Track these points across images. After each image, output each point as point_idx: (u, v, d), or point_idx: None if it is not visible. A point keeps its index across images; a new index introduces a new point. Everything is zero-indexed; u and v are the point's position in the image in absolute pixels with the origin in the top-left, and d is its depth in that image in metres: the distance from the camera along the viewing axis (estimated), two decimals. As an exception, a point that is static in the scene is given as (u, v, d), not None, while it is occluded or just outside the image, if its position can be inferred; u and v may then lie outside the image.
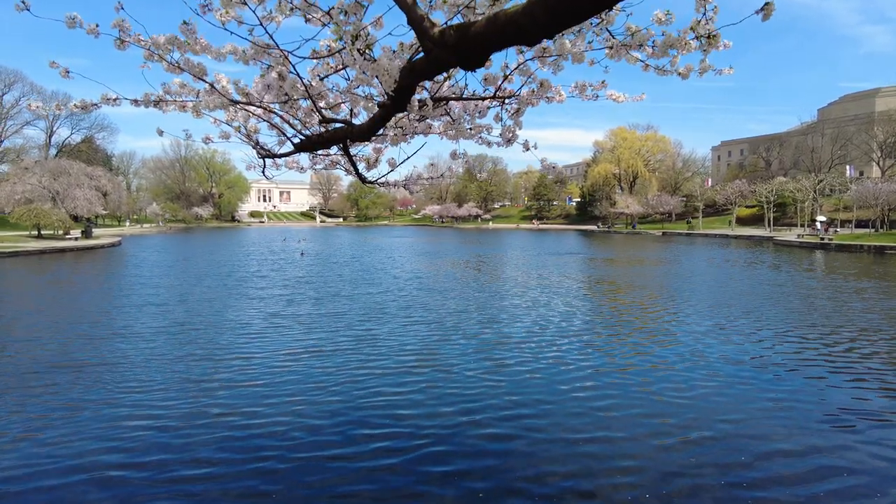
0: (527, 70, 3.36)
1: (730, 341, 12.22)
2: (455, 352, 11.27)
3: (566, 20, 1.97)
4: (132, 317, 14.83)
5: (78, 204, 56.84)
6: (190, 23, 2.93)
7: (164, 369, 9.85)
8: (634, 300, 18.36)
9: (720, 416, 7.78)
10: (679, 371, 9.95)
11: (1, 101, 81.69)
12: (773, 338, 12.61)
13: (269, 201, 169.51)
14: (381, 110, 2.97)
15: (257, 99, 3.50)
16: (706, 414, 7.89)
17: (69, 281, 23.72)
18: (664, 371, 9.95)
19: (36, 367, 9.96)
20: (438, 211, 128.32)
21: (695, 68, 3.42)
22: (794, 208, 68.06)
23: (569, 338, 12.54)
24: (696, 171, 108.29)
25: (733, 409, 8.12)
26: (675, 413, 7.90)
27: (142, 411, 7.88)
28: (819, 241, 45.69)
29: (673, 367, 10.18)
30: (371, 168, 4.65)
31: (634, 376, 9.68)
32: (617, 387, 9.06)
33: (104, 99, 3.36)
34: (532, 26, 1.89)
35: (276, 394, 8.60)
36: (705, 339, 12.40)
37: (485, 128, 4.03)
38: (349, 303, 17.18)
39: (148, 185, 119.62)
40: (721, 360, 10.63)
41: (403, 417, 7.74)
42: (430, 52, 2.30)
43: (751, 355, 11.07)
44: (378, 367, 10.07)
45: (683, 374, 9.74)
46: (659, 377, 9.58)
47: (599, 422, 7.61)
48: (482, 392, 8.75)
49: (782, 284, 21.91)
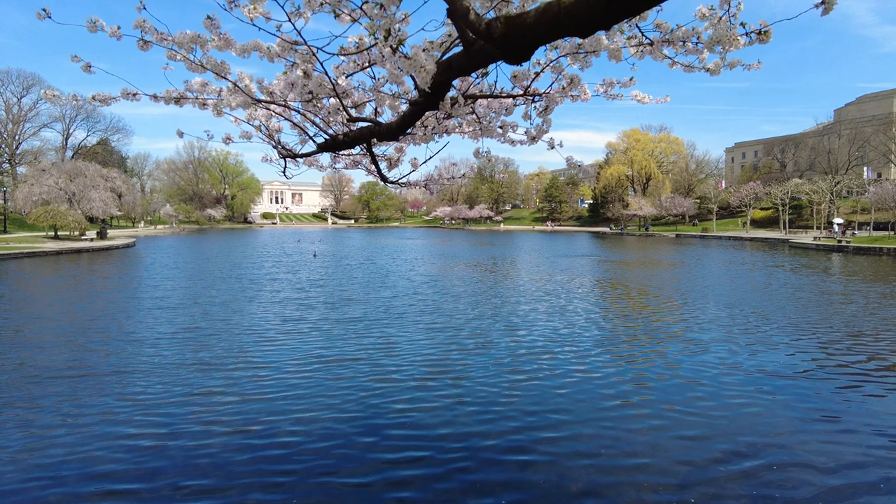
0: (559, 66, 3.26)
1: (761, 350, 11.58)
2: (477, 361, 10.73)
3: (625, 11, 1.86)
4: (146, 322, 14.82)
5: (93, 205, 57.42)
6: (214, 18, 2.86)
7: (174, 379, 9.48)
8: (659, 305, 18.04)
9: (761, 433, 7.45)
10: (713, 384, 9.41)
11: (19, 104, 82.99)
12: (811, 348, 11.93)
13: (281, 203, 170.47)
14: (412, 108, 2.87)
15: (280, 97, 3.42)
16: (746, 430, 7.51)
17: (84, 283, 23.92)
18: (695, 383, 9.47)
19: (46, 373, 9.70)
20: (450, 212, 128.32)
21: (724, 63, 3.30)
22: (810, 210, 67.22)
23: (592, 346, 12.17)
24: (710, 172, 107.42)
25: (774, 425, 7.80)
26: (718, 431, 7.62)
27: (149, 420, 7.68)
28: (836, 243, 44.99)
29: (705, 380, 9.66)
30: (392, 168, 4.57)
31: (659, 388, 9.49)
32: (647, 403, 8.77)
33: (124, 93, 3.30)
34: (587, 17, 1.78)
35: (290, 408, 8.15)
36: (736, 347, 11.83)
37: (510, 126, 3.94)
38: (365, 307, 16.87)
39: (161, 187, 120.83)
40: (757, 371, 10.07)
41: (423, 430, 7.48)
42: (470, 47, 2.20)
43: (788, 365, 10.47)
44: (395, 377, 9.68)
45: (717, 387, 9.22)
46: (690, 389, 9.16)
47: (630, 439, 7.40)
48: (503, 406, 8.29)
49: (802, 288, 21.50)
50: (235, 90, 3.24)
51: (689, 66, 3.33)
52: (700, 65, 3.28)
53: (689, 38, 2.66)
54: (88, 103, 3.30)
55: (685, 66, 3.33)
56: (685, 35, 2.66)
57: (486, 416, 7.88)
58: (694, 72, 3.42)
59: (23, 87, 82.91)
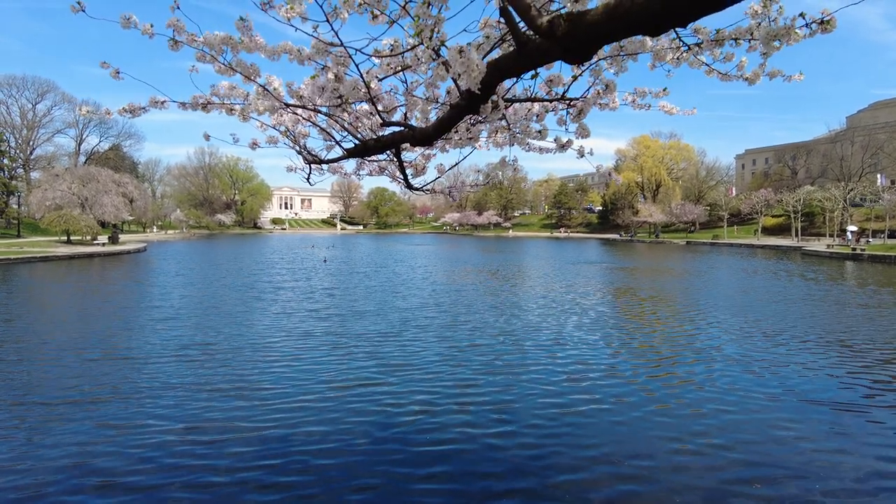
0: (597, 69, 3.15)
1: (788, 368, 10.96)
2: (498, 384, 9.79)
3: (707, 7, 1.74)
4: (156, 334, 14.62)
5: (105, 210, 57.91)
6: (247, 19, 2.78)
7: (186, 403, 8.69)
8: (680, 316, 17.71)
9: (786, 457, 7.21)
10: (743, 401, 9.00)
11: (34, 110, 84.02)
12: (842, 363, 11.38)
13: (290, 208, 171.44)
14: (452, 111, 2.78)
15: (309, 101, 3.34)
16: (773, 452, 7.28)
17: (96, 290, 24.00)
18: (722, 400, 9.07)
19: (45, 397, 8.90)
20: (458, 219, 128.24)
21: (763, 72, 3.18)
22: (823, 218, 66.48)
23: (624, 360, 11.80)
24: (720, 179, 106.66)
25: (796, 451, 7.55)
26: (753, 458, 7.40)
27: (157, 442, 7.25)
28: (850, 251, 44.43)
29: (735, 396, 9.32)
30: (418, 175, 4.47)
31: (684, 404, 9.31)
32: (674, 422, 8.60)
33: (152, 102, 3.24)
34: (665, 12, 1.67)
35: (305, 438, 7.42)
36: (763, 363, 11.22)
37: (541, 132, 3.83)
38: (379, 321, 15.74)
39: (172, 192, 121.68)
40: (785, 391, 9.51)
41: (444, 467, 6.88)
42: (524, 46, 2.10)
43: (818, 386, 9.85)
44: (417, 402, 8.83)
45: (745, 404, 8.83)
46: (715, 406, 8.79)
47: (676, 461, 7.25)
48: (541, 437, 7.45)
49: (819, 299, 21.10)
50: (264, 93, 3.16)
51: (727, 75, 3.20)
52: (738, 73, 3.17)
53: (742, 35, 2.53)
54: (119, 115, 3.24)
55: (722, 75, 3.21)
56: (738, 33, 2.54)
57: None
58: (731, 80, 3.30)
59: (37, 94, 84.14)
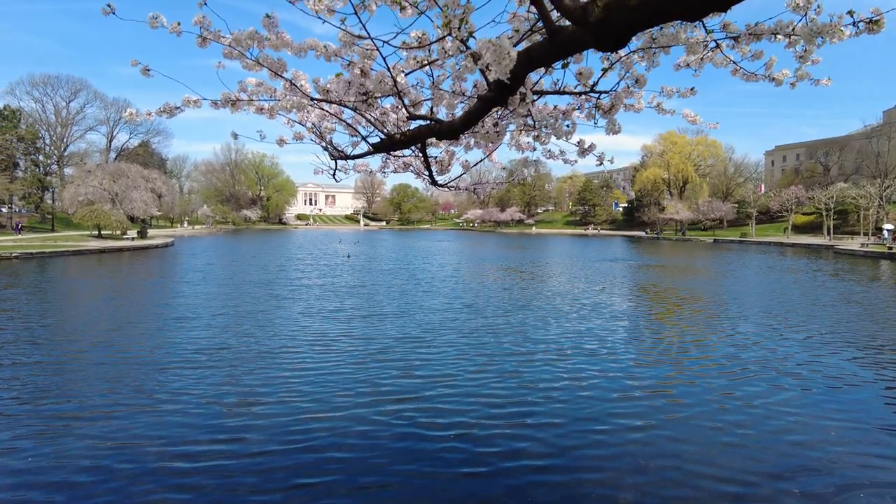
0: (628, 62, 3.07)
1: (828, 374, 10.46)
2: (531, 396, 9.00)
3: None
4: (183, 332, 14.89)
5: (135, 205, 59.21)
6: (273, 16, 2.78)
7: (205, 409, 8.26)
8: (716, 318, 17.08)
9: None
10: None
11: (67, 108, 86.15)
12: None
13: (314, 204, 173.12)
14: (479, 103, 2.74)
15: (336, 97, 3.33)
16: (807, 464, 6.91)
17: (127, 286, 24.52)
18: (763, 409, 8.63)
19: (63, 409, 8.27)
20: (481, 215, 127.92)
21: (790, 75, 3.04)
22: (857, 216, 64.62)
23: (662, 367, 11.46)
24: (749, 176, 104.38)
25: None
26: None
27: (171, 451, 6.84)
28: (887, 250, 43.11)
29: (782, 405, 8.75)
30: (443, 172, 4.44)
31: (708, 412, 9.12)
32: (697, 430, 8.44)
33: (185, 101, 3.28)
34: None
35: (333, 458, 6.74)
36: (809, 371, 10.60)
37: (564, 133, 3.72)
38: (407, 323, 14.99)
39: (199, 188, 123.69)
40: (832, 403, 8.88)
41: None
42: (555, 35, 2.05)
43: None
44: (451, 416, 8.17)
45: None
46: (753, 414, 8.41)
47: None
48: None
49: (861, 303, 19.94)
50: (292, 89, 3.16)
51: (753, 74, 3.08)
52: (766, 72, 3.04)
53: (782, 30, 2.43)
54: (157, 115, 3.29)
55: (748, 74, 3.09)
56: (779, 28, 2.44)
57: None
58: (756, 80, 3.17)
59: (71, 92, 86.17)
